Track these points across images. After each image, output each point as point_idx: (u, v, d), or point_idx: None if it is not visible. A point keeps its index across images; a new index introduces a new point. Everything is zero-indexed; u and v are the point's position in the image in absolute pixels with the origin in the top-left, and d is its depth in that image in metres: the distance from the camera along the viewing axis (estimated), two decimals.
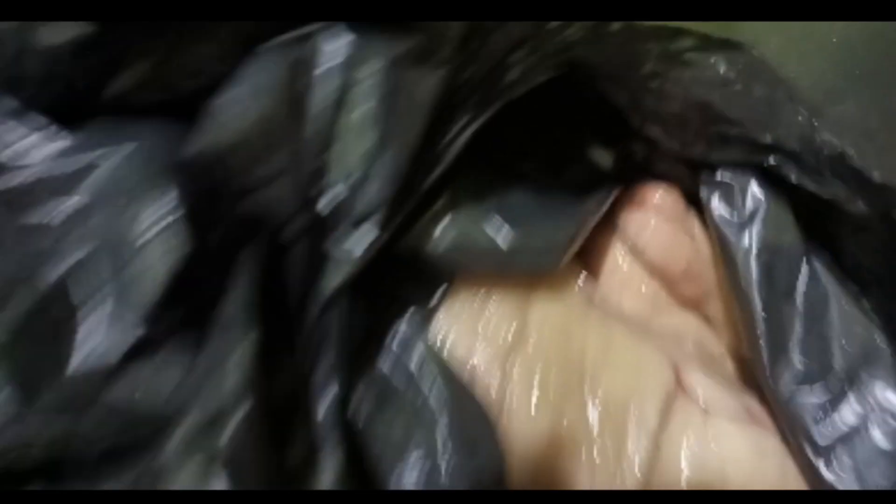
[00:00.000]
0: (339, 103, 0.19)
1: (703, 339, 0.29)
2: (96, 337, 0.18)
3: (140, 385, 0.18)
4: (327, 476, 0.20)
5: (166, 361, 0.18)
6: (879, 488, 0.23)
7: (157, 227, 0.18)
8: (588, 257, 0.30)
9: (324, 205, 0.19)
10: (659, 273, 0.28)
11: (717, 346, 0.29)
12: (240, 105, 0.18)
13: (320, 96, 0.19)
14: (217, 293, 0.18)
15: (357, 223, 0.19)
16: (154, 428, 0.18)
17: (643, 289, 0.29)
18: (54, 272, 0.18)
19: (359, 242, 0.19)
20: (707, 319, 0.29)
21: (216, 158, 0.17)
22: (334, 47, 0.19)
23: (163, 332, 0.18)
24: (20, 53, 0.20)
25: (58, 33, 0.19)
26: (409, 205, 0.21)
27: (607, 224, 0.29)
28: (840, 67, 0.35)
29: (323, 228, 0.19)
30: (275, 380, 0.19)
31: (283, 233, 0.19)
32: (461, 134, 0.22)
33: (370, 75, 0.19)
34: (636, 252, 0.28)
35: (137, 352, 0.18)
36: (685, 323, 0.29)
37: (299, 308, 0.20)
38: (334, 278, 0.20)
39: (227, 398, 0.17)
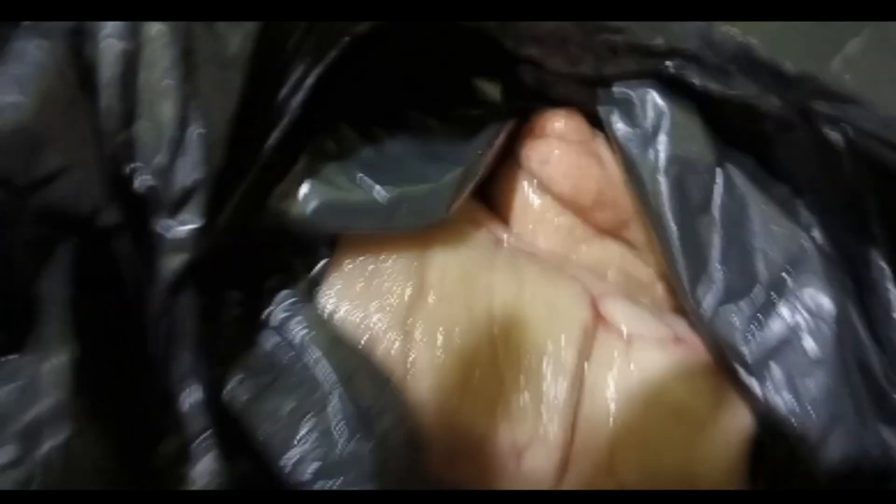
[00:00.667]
0: (133, 69, 0.17)
1: (627, 267, 0.27)
2: None
3: None
4: (202, 465, 0.18)
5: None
6: (806, 387, 0.22)
7: None
8: (496, 199, 0.28)
9: (138, 187, 0.17)
10: (571, 204, 0.26)
11: (645, 271, 0.27)
12: (15, 86, 0.16)
13: (110, 62, 0.17)
14: (30, 305, 0.17)
15: (175, 207, 0.17)
16: None
17: (556, 222, 0.27)
18: None
19: (185, 226, 0.17)
20: (630, 245, 0.27)
21: None
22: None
23: None
24: None
25: None
26: (250, 172, 0.19)
27: (511, 161, 0.27)
28: None
29: (144, 214, 0.17)
30: (122, 381, 0.18)
31: (95, 226, 0.17)
32: (303, 83, 0.20)
33: (163, 32, 0.17)
34: (543, 186, 0.26)
35: None
36: (606, 252, 0.27)
37: (138, 304, 0.18)
38: (169, 265, 0.18)
39: (57, 408, 0.16)
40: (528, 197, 0.27)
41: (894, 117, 0.22)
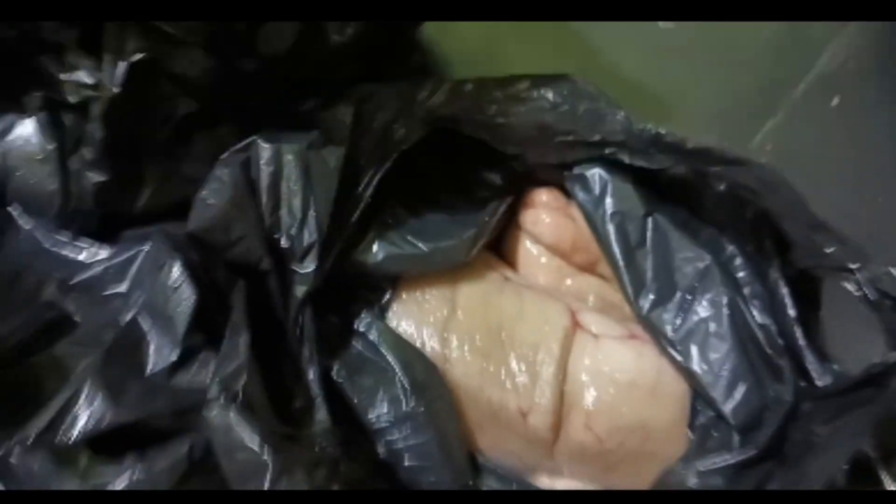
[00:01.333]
0: (277, 181, 0.30)
1: (602, 293, 0.38)
2: (159, 352, 0.29)
3: (188, 378, 0.29)
4: (320, 415, 0.30)
5: (202, 362, 0.29)
6: (715, 358, 0.32)
7: (180, 281, 0.30)
8: (505, 252, 0.40)
9: (282, 246, 0.30)
10: (556, 250, 0.38)
11: (614, 295, 0.38)
12: (213, 196, 0.29)
13: (265, 177, 0.30)
14: (224, 317, 0.30)
15: (302, 257, 0.30)
16: (200, 400, 0.29)
17: (547, 264, 0.39)
18: (127, 317, 0.29)
19: (308, 268, 0.30)
20: (602, 277, 0.39)
21: (203, 232, 0.29)
22: (267, 146, 0.30)
23: (196, 345, 0.29)
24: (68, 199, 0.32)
25: (88, 181, 0.31)
26: (343, 236, 0.32)
27: (514, 225, 0.39)
28: None
29: (284, 262, 0.30)
30: (274, 361, 0.30)
31: (259, 269, 0.30)
32: (372, 181, 0.33)
33: (292, 159, 0.30)
34: (536, 239, 0.38)
35: (183, 358, 0.29)
36: (586, 283, 0.39)
37: (284, 315, 0.31)
38: (299, 292, 0.31)
39: (240, 367, 0.28)
40: (526, 247, 0.39)
41: (771, 171, 0.33)
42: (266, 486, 0.25)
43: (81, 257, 0.32)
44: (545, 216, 0.38)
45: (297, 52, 0.31)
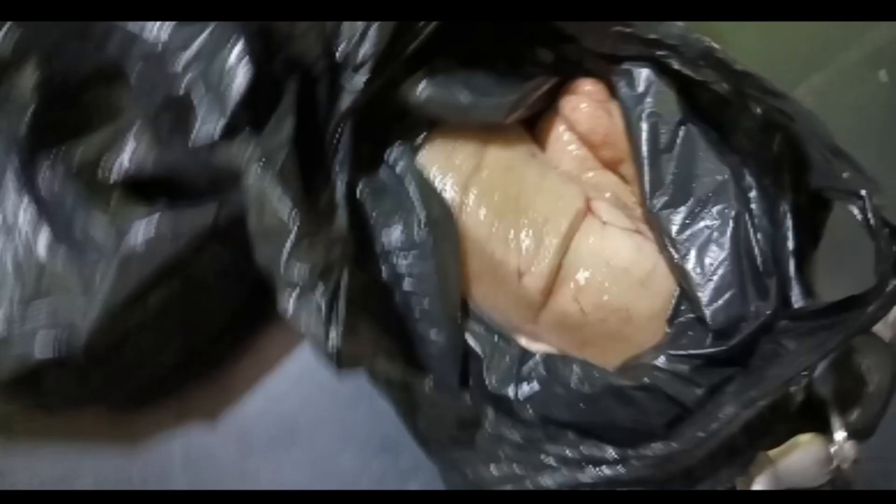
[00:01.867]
0: None
1: (618, 192, 0.40)
2: (206, 120, 0.31)
3: (229, 149, 0.31)
4: (340, 221, 0.32)
5: (244, 139, 0.32)
6: (709, 263, 0.34)
7: (238, 60, 0.31)
8: (538, 134, 0.42)
9: (338, 53, 0.32)
10: (586, 141, 0.40)
11: (629, 196, 0.40)
12: None
13: None
14: (273, 102, 0.31)
15: (357, 67, 0.32)
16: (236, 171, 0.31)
17: (575, 152, 0.40)
18: (182, 86, 0.31)
19: (359, 80, 0.32)
20: (622, 178, 0.41)
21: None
22: None
23: (242, 121, 0.32)
24: None
25: None
26: (395, 63, 0.33)
27: (552, 109, 0.41)
28: None
29: (337, 70, 0.32)
30: (310, 158, 0.32)
31: (313, 70, 0.32)
32: (424, 30, 0.34)
33: None
34: (570, 126, 0.40)
35: (228, 132, 0.31)
36: (605, 178, 0.40)
37: (325, 122, 0.33)
38: (345, 103, 0.32)
39: (281, 144, 0.30)
40: (559, 132, 0.41)
41: (811, 114, 0.34)
42: (287, 247, 0.27)
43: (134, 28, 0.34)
44: (584, 104, 0.40)
45: None
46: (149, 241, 0.30)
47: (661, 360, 0.33)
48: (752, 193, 0.37)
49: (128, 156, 0.30)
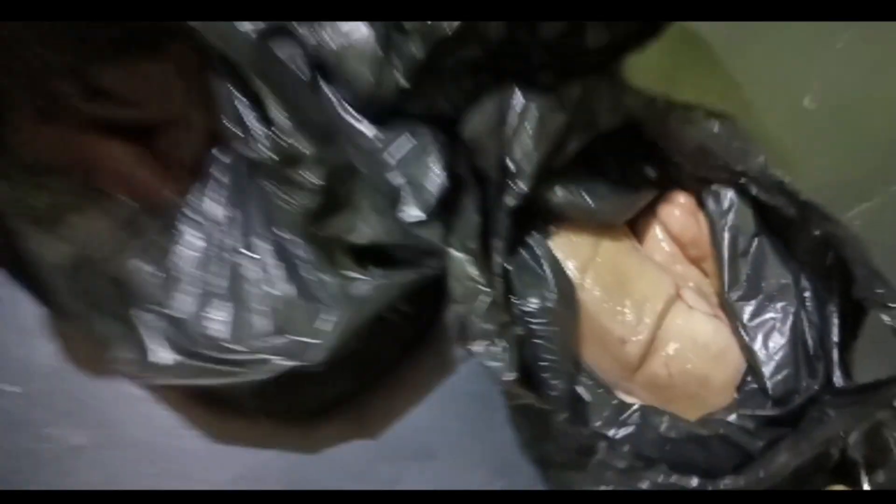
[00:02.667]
0: (522, 122, 0.44)
1: (700, 283, 0.52)
2: (411, 208, 0.44)
3: (427, 230, 0.43)
4: (498, 286, 0.44)
5: (437, 224, 0.44)
6: (772, 346, 0.45)
7: (435, 165, 0.44)
8: (637, 230, 0.53)
9: (511, 165, 0.44)
10: (676, 240, 0.52)
11: (709, 287, 0.51)
12: (476, 120, 0.43)
13: (513, 118, 0.44)
14: (459, 198, 0.44)
15: (518, 178, 0.44)
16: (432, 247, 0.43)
17: (666, 248, 0.52)
18: (395, 180, 0.44)
19: (522, 186, 0.44)
20: (704, 272, 0.52)
21: (471, 139, 0.43)
22: (523, 99, 0.44)
23: (437, 210, 0.44)
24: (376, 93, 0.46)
25: (395, 86, 0.45)
26: (545, 175, 0.46)
27: (650, 213, 0.53)
28: None
29: (507, 177, 0.44)
30: (483, 237, 0.44)
31: (489, 176, 0.44)
32: (574, 144, 0.46)
33: (535, 113, 0.44)
34: (664, 227, 0.52)
35: (426, 218, 0.44)
36: (690, 271, 0.52)
37: (492, 212, 0.45)
38: (509, 202, 0.45)
39: (471, 230, 0.42)
40: (655, 231, 0.52)
41: (858, 239, 0.45)
42: (481, 308, 0.39)
43: (362, 128, 0.47)
44: (678, 212, 0.51)
45: (562, 41, 0.45)
46: (369, 294, 0.42)
47: (732, 417, 0.44)
48: (807, 294, 0.48)
49: (356, 230, 0.42)
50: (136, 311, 0.43)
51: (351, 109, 0.47)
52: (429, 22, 0.43)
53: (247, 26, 0.43)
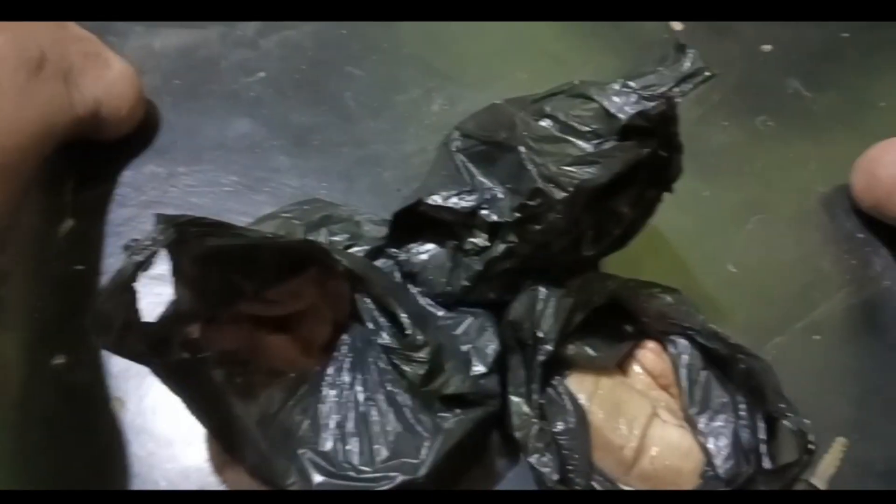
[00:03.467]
0: (544, 309, 0.69)
1: (669, 402, 0.75)
2: (475, 366, 0.67)
3: (487, 383, 0.67)
4: (539, 419, 0.67)
5: (492, 377, 0.67)
6: (722, 445, 0.69)
7: (492, 337, 0.68)
8: (624, 368, 0.77)
9: (539, 334, 0.69)
10: (650, 373, 0.76)
11: (675, 405, 0.75)
12: (517, 309, 0.68)
13: (539, 307, 0.69)
14: (508, 360, 0.68)
15: (545, 343, 0.68)
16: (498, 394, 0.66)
17: (644, 379, 0.76)
18: (463, 350, 0.68)
19: (547, 348, 0.68)
20: (671, 395, 0.76)
21: (515, 320, 0.67)
22: (545, 291, 0.69)
23: (493, 369, 0.68)
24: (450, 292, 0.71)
25: (461, 288, 0.70)
26: (561, 340, 0.70)
27: (631, 356, 0.77)
28: None
29: (537, 342, 0.69)
30: (527, 384, 0.68)
31: (527, 341, 0.68)
32: (581, 315, 0.71)
33: (553, 302, 0.69)
34: (641, 364, 0.76)
35: (487, 372, 0.67)
36: (661, 395, 0.76)
37: (529, 366, 0.69)
38: (540, 359, 0.69)
39: (523, 382, 0.66)
40: (635, 368, 0.76)
41: (767, 366, 0.70)
42: (538, 445, 0.62)
43: (440, 314, 0.71)
44: (650, 354, 0.76)
45: (563, 254, 0.70)
46: (454, 427, 0.65)
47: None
48: (741, 407, 0.72)
49: (448, 380, 0.65)
50: (301, 450, 0.65)
51: (431, 302, 0.71)
52: (484, 246, 0.68)
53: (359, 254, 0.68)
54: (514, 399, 0.64)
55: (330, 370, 0.69)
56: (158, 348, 0.57)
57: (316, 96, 0.91)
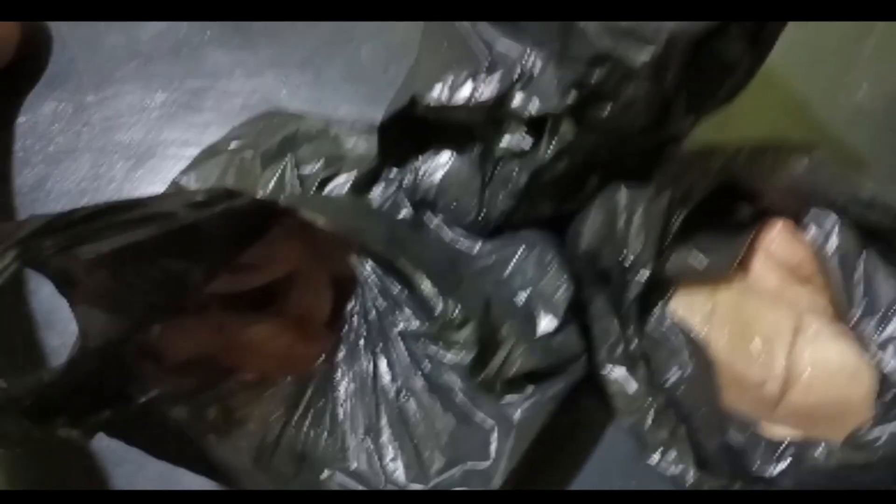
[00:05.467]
0: (630, 218, 0.47)
1: (813, 299, 0.55)
2: (546, 320, 0.47)
3: (562, 340, 0.47)
4: (641, 372, 0.47)
5: (570, 330, 0.47)
6: None
7: (556, 269, 0.47)
8: (744, 265, 0.56)
9: (627, 262, 0.47)
10: (783, 264, 0.54)
11: (822, 301, 0.54)
12: (589, 233, 0.46)
13: (622, 215, 0.47)
14: (586, 302, 0.47)
15: (637, 270, 0.47)
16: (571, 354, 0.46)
17: (775, 276, 0.55)
18: (523, 297, 0.47)
19: (643, 275, 0.47)
20: (814, 289, 0.55)
21: (592, 248, 0.46)
22: (626, 193, 0.47)
23: (568, 319, 0.47)
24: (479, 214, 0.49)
25: (498, 207, 0.48)
26: (660, 255, 0.48)
27: (752, 246, 0.55)
28: None
29: (625, 272, 0.47)
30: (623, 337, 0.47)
31: (611, 274, 0.47)
32: (679, 217, 0.49)
33: (642, 204, 0.47)
34: (768, 255, 0.54)
35: (561, 326, 0.47)
36: (802, 291, 0.55)
37: (619, 305, 0.48)
38: (633, 293, 0.47)
39: (617, 342, 0.45)
40: (762, 260, 0.55)
41: None
42: (649, 420, 0.42)
43: (476, 249, 0.50)
44: (780, 239, 0.54)
45: (644, 134, 0.47)
46: (529, 413, 0.46)
47: (881, 433, 0.48)
48: None
49: (509, 362, 0.45)
50: (326, 474, 0.47)
51: (462, 233, 0.49)
52: (524, 148, 0.45)
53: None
54: (612, 371, 0.44)
55: (341, 356, 0.50)
56: (76, 415, 0.39)
57: None
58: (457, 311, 0.42)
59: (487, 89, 0.43)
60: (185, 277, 0.45)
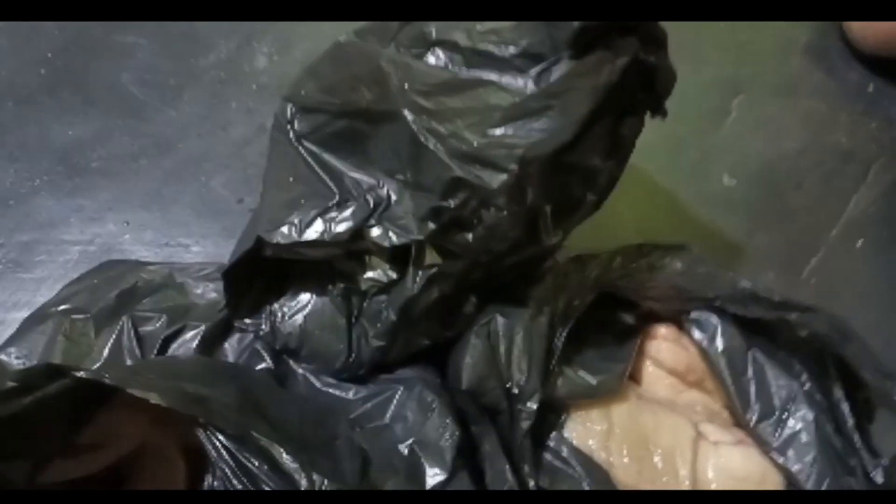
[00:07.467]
0: (510, 346, 0.43)
1: (707, 404, 0.52)
2: (432, 474, 0.42)
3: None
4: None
5: (461, 478, 0.42)
6: (806, 461, 0.46)
7: (445, 422, 0.42)
8: (634, 372, 0.53)
9: (516, 390, 0.43)
10: (672, 371, 0.52)
11: (716, 405, 0.52)
12: (470, 370, 0.42)
13: (503, 343, 0.43)
14: (476, 442, 0.42)
15: (527, 400, 0.43)
16: None
17: (665, 382, 0.52)
18: (405, 449, 0.42)
19: (532, 406, 0.43)
20: (707, 391, 0.52)
21: (474, 387, 0.41)
22: (503, 320, 0.43)
23: (458, 466, 0.42)
24: (349, 356, 0.44)
25: (369, 346, 0.43)
26: (547, 379, 0.45)
27: (641, 351, 0.53)
28: None
29: (514, 402, 0.43)
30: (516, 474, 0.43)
31: (499, 409, 0.43)
32: (562, 337, 0.46)
33: (520, 329, 0.43)
34: (656, 363, 0.52)
35: (450, 477, 0.42)
36: (694, 397, 0.52)
37: (511, 439, 0.44)
38: (525, 425, 0.43)
39: (501, 471, 0.41)
40: (650, 369, 0.52)
41: (839, 321, 0.47)
42: None
43: (350, 395, 0.44)
44: (664, 344, 0.52)
45: (515, 252, 0.44)
46: None
47: None
48: (817, 387, 0.49)
49: None
50: None
51: (331, 381, 0.44)
52: (389, 279, 0.41)
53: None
54: None
55: None
56: None
57: (79, 92, 0.60)
58: (324, 485, 0.36)
59: (341, 225, 0.39)
60: (4, 477, 0.37)
